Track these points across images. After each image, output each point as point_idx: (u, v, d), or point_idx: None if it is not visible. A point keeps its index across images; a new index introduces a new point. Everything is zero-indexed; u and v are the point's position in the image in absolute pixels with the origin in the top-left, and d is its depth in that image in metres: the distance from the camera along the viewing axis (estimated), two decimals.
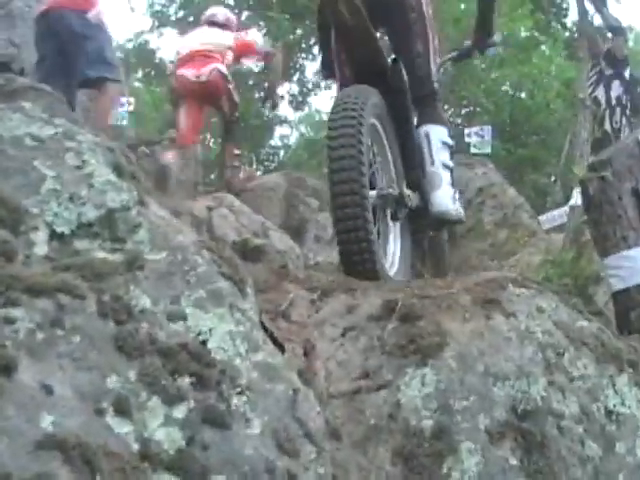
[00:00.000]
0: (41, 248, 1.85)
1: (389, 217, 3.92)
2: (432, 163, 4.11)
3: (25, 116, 2.15)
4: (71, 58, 5.74)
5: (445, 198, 4.11)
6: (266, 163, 32.33)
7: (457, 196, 4.29)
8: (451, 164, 4.22)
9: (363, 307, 2.46)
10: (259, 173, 32.74)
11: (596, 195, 3.24)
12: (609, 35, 10.79)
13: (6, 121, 2.10)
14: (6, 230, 1.79)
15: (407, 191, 4.02)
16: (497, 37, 4.94)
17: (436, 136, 4.16)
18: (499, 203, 8.60)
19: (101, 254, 1.90)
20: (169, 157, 7.08)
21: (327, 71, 4.57)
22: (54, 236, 1.89)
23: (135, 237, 1.98)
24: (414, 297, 2.45)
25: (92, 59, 5.82)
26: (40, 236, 1.86)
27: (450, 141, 4.25)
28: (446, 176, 4.14)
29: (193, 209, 4.68)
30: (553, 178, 21.86)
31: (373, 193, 3.61)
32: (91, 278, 1.78)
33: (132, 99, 9.42)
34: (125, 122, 9.00)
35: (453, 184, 4.20)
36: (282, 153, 32.60)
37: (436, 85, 4.28)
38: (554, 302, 2.59)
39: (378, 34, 4.09)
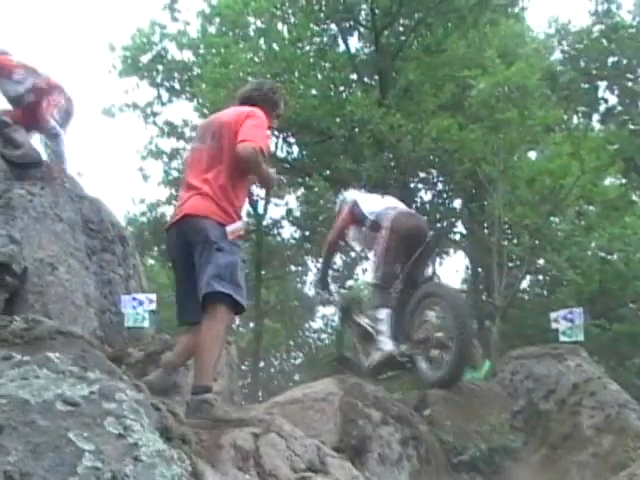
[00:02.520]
0: None
1: None
2: None
3: (54, 372, 2.17)
4: (200, 267, 5.51)
5: None
6: (305, 349, 32.38)
7: None
8: None
9: None
10: (299, 360, 32.62)
11: None
12: None
13: (32, 380, 2.12)
14: None
15: None
16: None
17: None
18: (599, 402, 8.41)
19: None
20: None
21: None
22: None
23: None
24: None
25: (224, 275, 5.45)
26: None
27: None
28: None
29: (237, 439, 4.64)
30: None
31: None
32: None
33: (154, 296, 9.38)
34: (146, 324, 9.00)
35: None
36: (325, 336, 32.67)
37: None
38: None
39: None
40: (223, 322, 5.42)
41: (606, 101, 15.76)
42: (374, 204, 9.42)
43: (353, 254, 24.24)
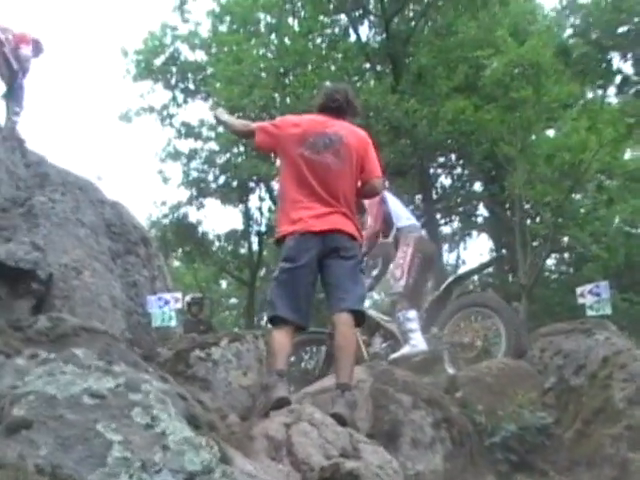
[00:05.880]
0: None
1: None
2: None
3: (79, 367, 2.19)
4: (337, 278, 6.08)
5: None
6: None
7: None
8: None
9: None
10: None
11: None
12: None
13: (59, 376, 2.14)
14: None
15: None
16: None
17: None
18: (630, 374, 8.32)
19: None
20: None
21: None
22: None
23: None
24: None
25: (365, 297, 6.26)
26: None
27: None
28: None
29: (268, 430, 4.66)
30: None
31: None
32: None
33: (179, 295, 9.43)
34: (173, 323, 9.01)
35: None
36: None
37: None
38: None
39: None
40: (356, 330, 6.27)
41: (621, 72, 15.54)
42: (401, 213, 9.75)
43: None
